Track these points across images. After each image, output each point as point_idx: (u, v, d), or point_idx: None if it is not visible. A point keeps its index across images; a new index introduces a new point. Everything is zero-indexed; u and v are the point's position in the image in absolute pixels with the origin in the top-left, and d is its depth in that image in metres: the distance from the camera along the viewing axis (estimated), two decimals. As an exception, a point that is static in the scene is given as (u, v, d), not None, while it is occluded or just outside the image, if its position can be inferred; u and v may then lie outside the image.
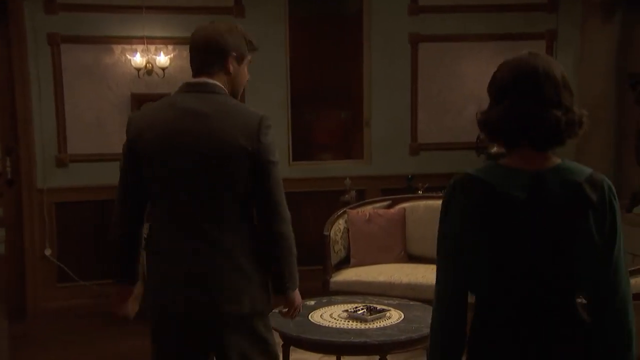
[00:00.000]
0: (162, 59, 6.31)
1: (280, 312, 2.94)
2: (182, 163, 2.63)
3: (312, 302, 4.46)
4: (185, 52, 6.64)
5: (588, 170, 1.98)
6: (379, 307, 4.24)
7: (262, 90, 6.72)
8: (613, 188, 1.97)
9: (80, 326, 5.94)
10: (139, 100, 6.49)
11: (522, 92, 1.97)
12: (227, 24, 2.82)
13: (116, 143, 6.47)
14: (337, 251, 5.44)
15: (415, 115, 7.00)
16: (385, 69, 6.93)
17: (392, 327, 3.98)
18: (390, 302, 4.43)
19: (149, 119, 2.73)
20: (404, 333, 3.88)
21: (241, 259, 2.68)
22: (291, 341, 4.01)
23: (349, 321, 4.09)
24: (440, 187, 6.14)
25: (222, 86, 2.73)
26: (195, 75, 2.76)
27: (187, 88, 2.74)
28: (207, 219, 2.64)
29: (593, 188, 1.94)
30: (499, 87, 2.06)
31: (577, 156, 7.07)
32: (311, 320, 4.13)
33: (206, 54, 2.73)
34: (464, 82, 7.02)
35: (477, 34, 6.97)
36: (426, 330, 3.87)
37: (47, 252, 6.48)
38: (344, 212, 5.64)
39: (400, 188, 6.65)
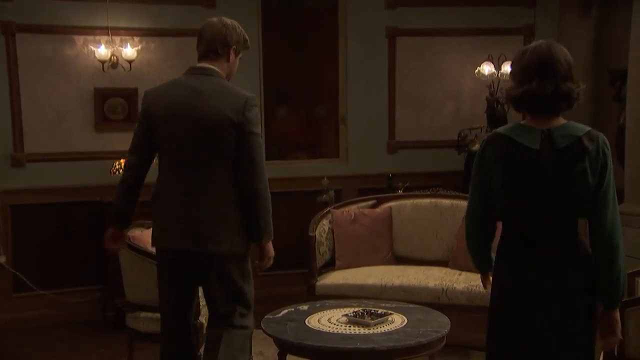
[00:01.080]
0: (129, 51, 5.90)
1: (255, 264, 3.45)
2: (182, 129, 3.28)
3: (306, 307, 4.14)
4: (153, 44, 6.33)
5: (588, 128, 2.63)
6: (379, 310, 3.94)
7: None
8: (607, 141, 2.62)
9: (40, 340, 5.46)
10: (103, 96, 6.08)
11: (547, 71, 2.60)
12: (232, 22, 3.45)
13: (78, 141, 6.09)
14: (322, 253, 5.13)
15: (393, 112, 6.75)
16: (362, 64, 6.66)
17: (397, 331, 3.69)
18: (388, 305, 4.14)
19: (159, 93, 3.43)
20: (413, 338, 3.59)
21: (223, 209, 3.28)
22: (289, 348, 3.68)
23: (350, 326, 3.78)
24: (421, 187, 5.91)
25: (220, 71, 3.39)
26: (199, 60, 3.41)
27: (192, 71, 3.41)
28: (198, 173, 3.28)
29: (590, 140, 2.59)
30: (524, 71, 2.64)
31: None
32: (309, 325, 3.81)
33: (212, 43, 3.37)
34: (442, 78, 6.82)
35: (455, 29, 6.77)
36: (435, 335, 3.66)
37: (2, 259, 5.97)
38: (328, 212, 5.33)
39: (378, 188, 6.37)
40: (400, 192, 6.06)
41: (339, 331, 3.71)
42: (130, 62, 5.93)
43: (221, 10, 6.32)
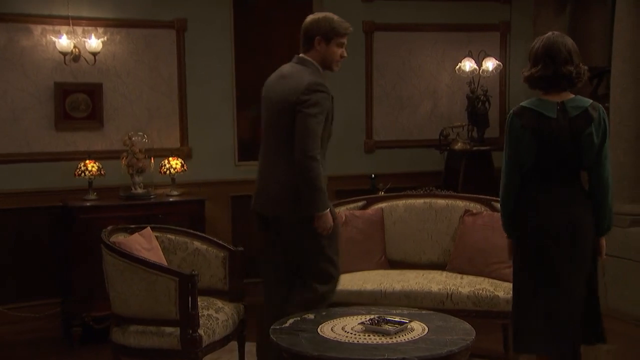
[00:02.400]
0: (94, 42, 5.44)
1: None
2: (265, 109, 3.93)
3: (312, 316, 3.79)
4: (118, 35, 5.87)
5: (590, 100, 3.43)
6: (395, 318, 3.64)
7: (205, 82, 6.00)
8: (604, 111, 3.42)
9: (-3, 359, 4.96)
10: (64, 91, 5.60)
11: (549, 57, 3.37)
12: (324, 15, 3.88)
13: (37, 141, 5.51)
14: (314, 258, 4.79)
15: (371, 110, 6.49)
16: (338, 60, 6.36)
17: (423, 340, 3.38)
18: (400, 312, 3.84)
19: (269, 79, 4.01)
20: (442, 346, 3.29)
21: (288, 180, 3.70)
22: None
23: (368, 335, 3.45)
24: (400, 188, 5.65)
25: (312, 59, 3.83)
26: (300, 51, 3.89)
27: (293, 60, 3.92)
28: (272, 149, 3.83)
29: (593, 109, 3.39)
30: (535, 56, 3.42)
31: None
32: (324, 335, 3.47)
33: (303, 36, 3.87)
34: (420, 76, 6.60)
35: (432, 24, 6.58)
36: (464, 343, 3.38)
37: (-50, 271, 5.43)
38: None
39: (356, 190, 6.09)
40: (381, 193, 5.79)
41: (360, 341, 3.38)
42: (94, 54, 5.47)
43: (191, 1, 5.95)
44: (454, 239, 4.94)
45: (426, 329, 3.53)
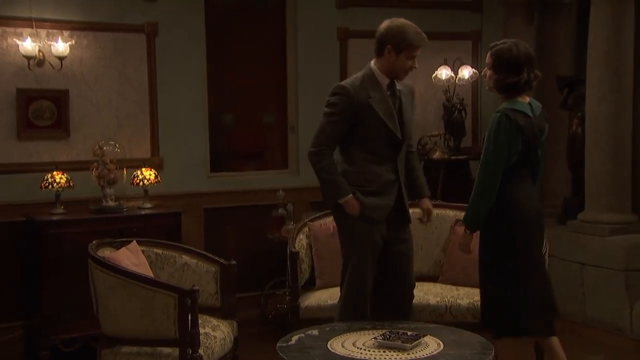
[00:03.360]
0: (61, 46, 5.11)
1: None
2: None
3: (316, 332, 3.61)
4: (85, 39, 5.54)
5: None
6: (407, 332, 3.47)
7: (176, 89, 5.73)
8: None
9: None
10: (27, 98, 5.24)
11: (530, 63, 3.64)
12: (395, 23, 3.92)
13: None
14: (303, 271, 4.59)
15: (346, 119, 6.30)
16: (313, 67, 6.19)
17: (442, 355, 3.23)
18: (406, 325, 3.66)
19: None
20: (466, 361, 3.15)
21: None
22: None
23: (383, 351, 3.29)
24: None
25: (374, 66, 3.88)
26: None
27: None
28: None
29: (542, 108, 3.75)
30: (516, 63, 3.59)
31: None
32: (336, 352, 3.28)
33: (375, 42, 3.88)
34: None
35: (405, 32, 6.44)
36: (487, 357, 3.24)
37: None
38: (304, 225, 4.80)
39: (331, 201, 5.91)
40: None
41: (378, 358, 3.21)
42: (61, 59, 5.15)
43: (162, 4, 5.68)
44: (444, 250, 4.82)
45: (441, 343, 3.38)
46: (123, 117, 5.59)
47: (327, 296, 4.46)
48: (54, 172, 5.08)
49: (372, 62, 3.88)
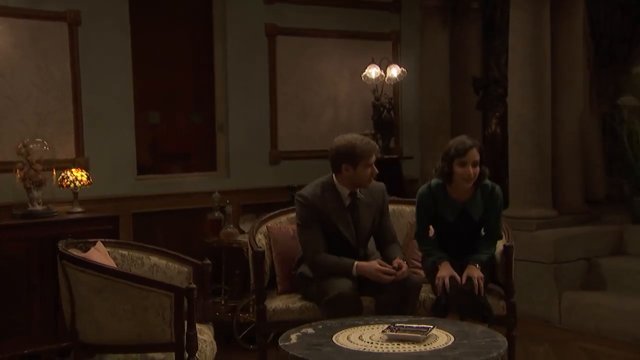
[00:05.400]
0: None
1: None
2: None
3: (311, 330, 3.40)
4: (0, 26, 5.01)
5: None
6: (413, 325, 3.34)
7: (101, 84, 5.32)
8: None
9: None
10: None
11: None
12: (338, 141, 4.05)
13: None
14: (266, 272, 4.32)
15: (275, 119, 6.12)
16: (241, 64, 5.97)
17: (458, 345, 3.13)
18: (396, 320, 3.52)
19: None
20: (487, 350, 3.07)
21: None
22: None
23: (398, 344, 3.14)
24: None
25: (335, 179, 4.11)
26: None
27: None
28: None
29: None
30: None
31: (422, 164, 6.85)
32: (349, 347, 3.10)
33: (330, 160, 4.14)
34: (321, 83, 6.39)
35: (330, 30, 6.41)
36: (502, 345, 3.18)
37: None
38: (262, 224, 4.53)
39: (262, 203, 5.71)
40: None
41: (396, 350, 3.06)
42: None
43: (84, -8, 5.26)
44: (405, 246, 4.73)
45: (450, 334, 3.27)
46: (44, 113, 5.10)
47: (295, 300, 4.22)
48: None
49: (333, 176, 4.04)
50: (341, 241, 4.01)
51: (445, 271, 3.94)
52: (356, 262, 3.91)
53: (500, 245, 4.24)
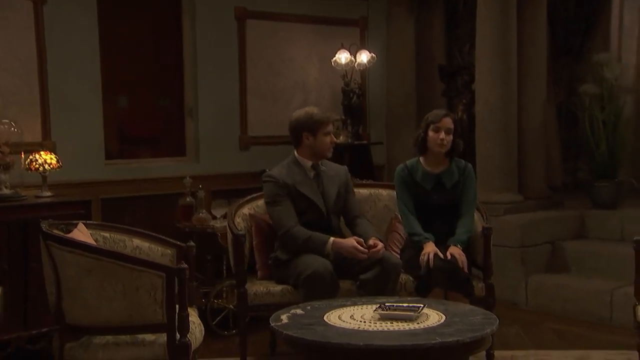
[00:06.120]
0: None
1: None
2: None
3: (301, 311, 3.37)
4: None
5: None
6: (403, 304, 3.35)
7: (68, 65, 5.17)
8: None
9: None
10: None
11: None
12: (296, 113, 4.34)
13: None
14: (246, 255, 4.27)
15: (245, 103, 6.05)
16: (211, 48, 5.88)
17: (451, 323, 3.15)
18: (383, 300, 3.52)
19: None
20: (480, 327, 3.10)
21: None
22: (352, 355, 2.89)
23: (392, 323, 3.14)
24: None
25: (297, 155, 4.37)
26: None
27: None
28: None
29: None
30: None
31: (388, 151, 6.87)
32: (343, 326, 3.08)
33: (291, 136, 4.38)
34: (291, 68, 6.34)
35: (299, 15, 6.36)
36: (494, 320, 3.21)
37: None
38: (240, 208, 4.48)
39: (232, 189, 5.65)
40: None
41: (390, 328, 3.06)
42: None
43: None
44: (380, 230, 4.73)
45: (441, 313, 3.29)
46: (9, 94, 4.94)
47: (276, 283, 4.18)
48: None
49: (295, 152, 4.27)
50: (313, 212, 4.14)
51: (430, 248, 4.05)
52: (332, 238, 4.01)
53: (479, 226, 4.30)
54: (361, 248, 3.95)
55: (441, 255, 3.98)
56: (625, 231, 5.90)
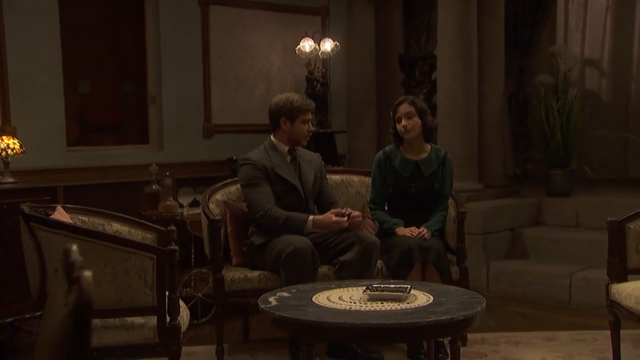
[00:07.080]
0: None
1: None
2: None
3: (288, 294, 3.35)
4: None
5: None
6: (390, 285, 3.36)
7: (27, 47, 5.00)
8: None
9: None
10: None
11: None
12: (277, 98, 4.26)
13: None
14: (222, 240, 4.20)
15: (209, 91, 5.96)
16: (174, 34, 5.78)
17: (439, 303, 3.16)
18: (368, 283, 3.53)
19: None
20: (469, 305, 3.13)
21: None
22: (348, 333, 2.89)
23: (382, 303, 3.14)
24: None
25: (274, 139, 4.29)
26: None
27: None
28: None
29: None
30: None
31: (349, 140, 6.89)
32: (334, 307, 3.07)
33: (269, 120, 4.30)
34: (254, 56, 6.28)
35: (262, 2, 6.30)
36: (482, 299, 3.25)
37: None
38: (213, 194, 4.40)
39: (196, 178, 5.57)
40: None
41: (382, 308, 3.06)
42: None
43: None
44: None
45: (428, 294, 3.31)
46: (-34, 78, 4.75)
47: (249, 270, 4.14)
48: None
49: (272, 137, 4.23)
50: (292, 196, 4.13)
51: (402, 231, 4.15)
52: (311, 216, 4.02)
53: (452, 212, 4.35)
54: (341, 218, 3.97)
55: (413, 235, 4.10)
56: (580, 218, 6.07)
